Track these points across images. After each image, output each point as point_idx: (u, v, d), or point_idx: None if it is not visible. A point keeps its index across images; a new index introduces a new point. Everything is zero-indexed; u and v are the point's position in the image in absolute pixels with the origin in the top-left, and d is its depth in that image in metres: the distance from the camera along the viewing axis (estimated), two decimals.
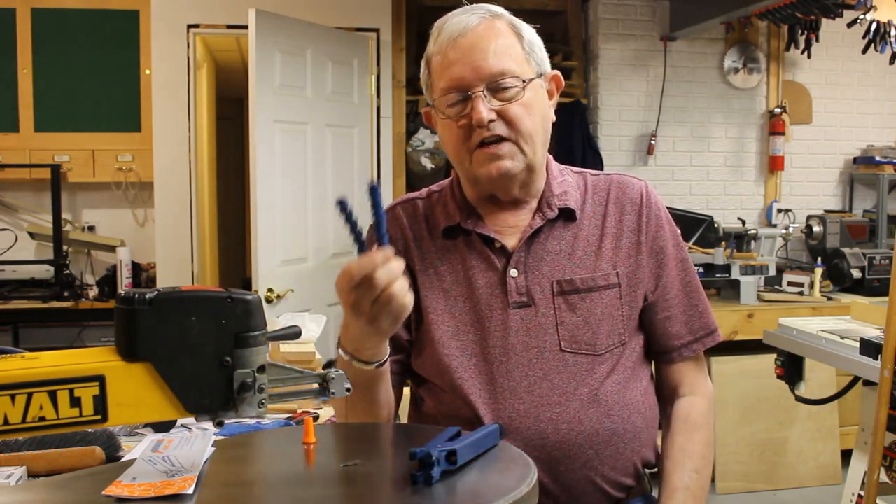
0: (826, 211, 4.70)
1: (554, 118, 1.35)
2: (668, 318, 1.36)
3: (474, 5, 1.31)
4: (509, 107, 1.25)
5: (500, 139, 1.26)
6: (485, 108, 1.23)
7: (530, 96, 1.27)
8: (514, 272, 1.30)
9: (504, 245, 1.32)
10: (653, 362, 1.43)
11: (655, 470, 1.41)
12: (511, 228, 1.34)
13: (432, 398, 1.34)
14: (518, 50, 1.28)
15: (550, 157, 1.39)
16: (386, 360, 1.22)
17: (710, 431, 1.38)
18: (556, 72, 1.35)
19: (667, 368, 1.41)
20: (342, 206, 1.06)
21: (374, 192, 1.08)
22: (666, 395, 1.42)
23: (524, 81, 1.26)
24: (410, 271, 1.35)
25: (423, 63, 1.34)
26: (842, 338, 2.47)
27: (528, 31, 1.32)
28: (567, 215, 1.34)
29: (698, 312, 1.38)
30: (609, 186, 1.38)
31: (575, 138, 4.36)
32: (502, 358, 1.28)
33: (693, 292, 1.39)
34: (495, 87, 1.25)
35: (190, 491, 0.86)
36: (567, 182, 1.37)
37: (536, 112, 1.28)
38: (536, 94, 1.29)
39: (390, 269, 1.06)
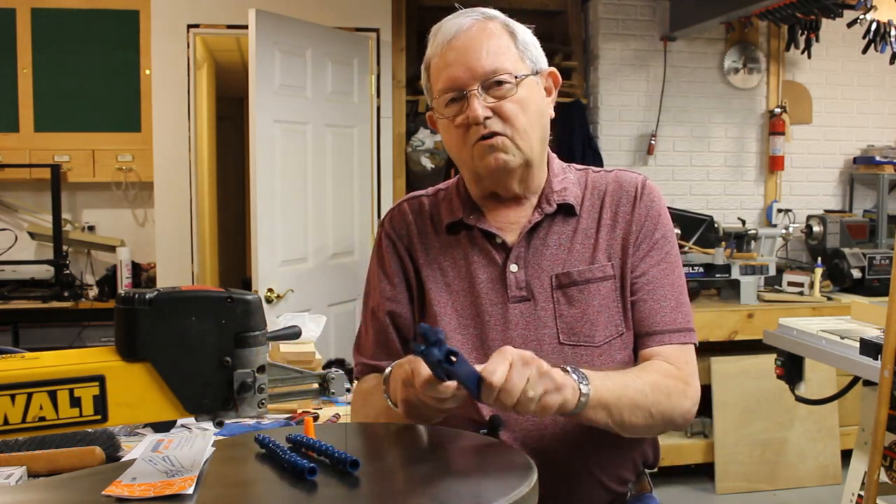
0: (826, 211, 4.70)
1: (553, 114, 1.37)
2: (641, 302, 1.32)
3: (469, 9, 1.34)
4: (504, 104, 1.27)
5: (496, 134, 1.28)
6: (480, 106, 1.26)
7: (524, 93, 1.29)
8: (513, 267, 1.33)
9: (504, 240, 1.34)
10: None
11: (656, 470, 1.41)
12: (512, 224, 1.36)
13: None
14: (512, 49, 1.30)
15: (553, 155, 1.41)
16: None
17: (670, 399, 1.24)
18: (553, 69, 1.37)
19: (641, 355, 1.34)
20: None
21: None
22: None
23: (517, 78, 1.28)
24: (415, 266, 1.39)
25: (422, 68, 1.37)
26: (842, 338, 2.47)
27: (522, 31, 1.34)
28: (566, 211, 1.36)
29: (672, 307, 1.33)
30: (608, 181, 1.39)
31: (575, 138, 4.36)
32: None
33: (672, 288, 1.34)
34: (489, 85, 1.27)
35: (190, 491, 0.86)
36: (568, 179, 1.39)
37: (532, 108, 1.30)
38: (531, 90, 1.31)
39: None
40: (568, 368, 1.14)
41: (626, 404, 1.18)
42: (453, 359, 0.99)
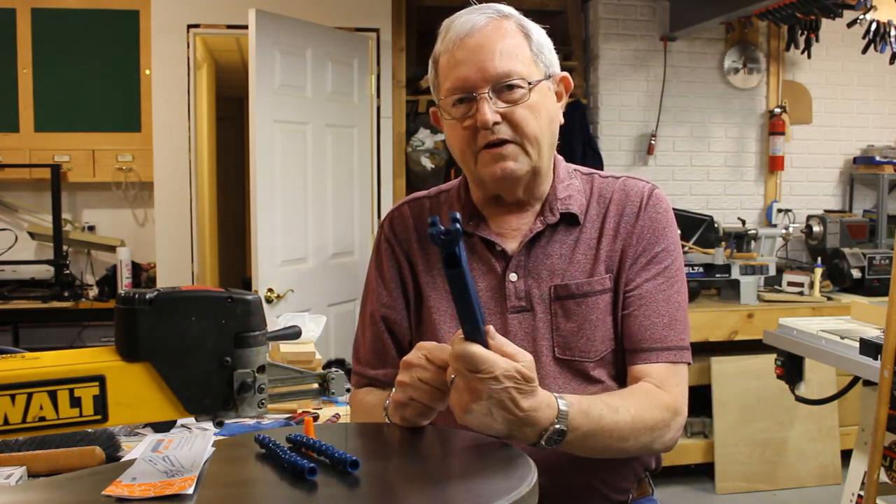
0: (826, 211, 4.70)
1: (562, 120, 1.32)
2: (631, 316, 1.28)
3: (483, 5, 1.29)
4: (515, 109, 1.23)
5: (505, 142, 1.24)
6: (489, 111, 1.22)
7: (536, 98, 1.25)
8: (513, 276, 1.29)
9: (504, 249, 1.30)
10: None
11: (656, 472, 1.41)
12: (514, 232, 1.32)
13: None
14: (526, 51, 1.25)
15: (560, 158, 1.36)
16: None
17: (651, 434, 1.19)
18: (565, 73, 1.33)
19: (630, 371, 1.28)
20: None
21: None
22: None
23: (530, 83, 1.24)
24: (413, 271, 1.36)
25: (430, 62, 1.32)
26: (842, 338, 2.47)
27: (538, 32, 1.29)
28: (569, 220, 1.31)
29: (665, 323, 1.27)
30: (614, 189, 1.34)
31: (575, 138, 4.36)
32: None
33: (667, 304, 1.28)
34: (501, 89, 1.23)
35: (190, 491, 0.86)
36: (573, 186, 1.34)
37: (542, 115, 1.26)
38: (543, 96, 1.27)
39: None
40: (558, 406, 1.06)
41: (598, 445, 1.13)
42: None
